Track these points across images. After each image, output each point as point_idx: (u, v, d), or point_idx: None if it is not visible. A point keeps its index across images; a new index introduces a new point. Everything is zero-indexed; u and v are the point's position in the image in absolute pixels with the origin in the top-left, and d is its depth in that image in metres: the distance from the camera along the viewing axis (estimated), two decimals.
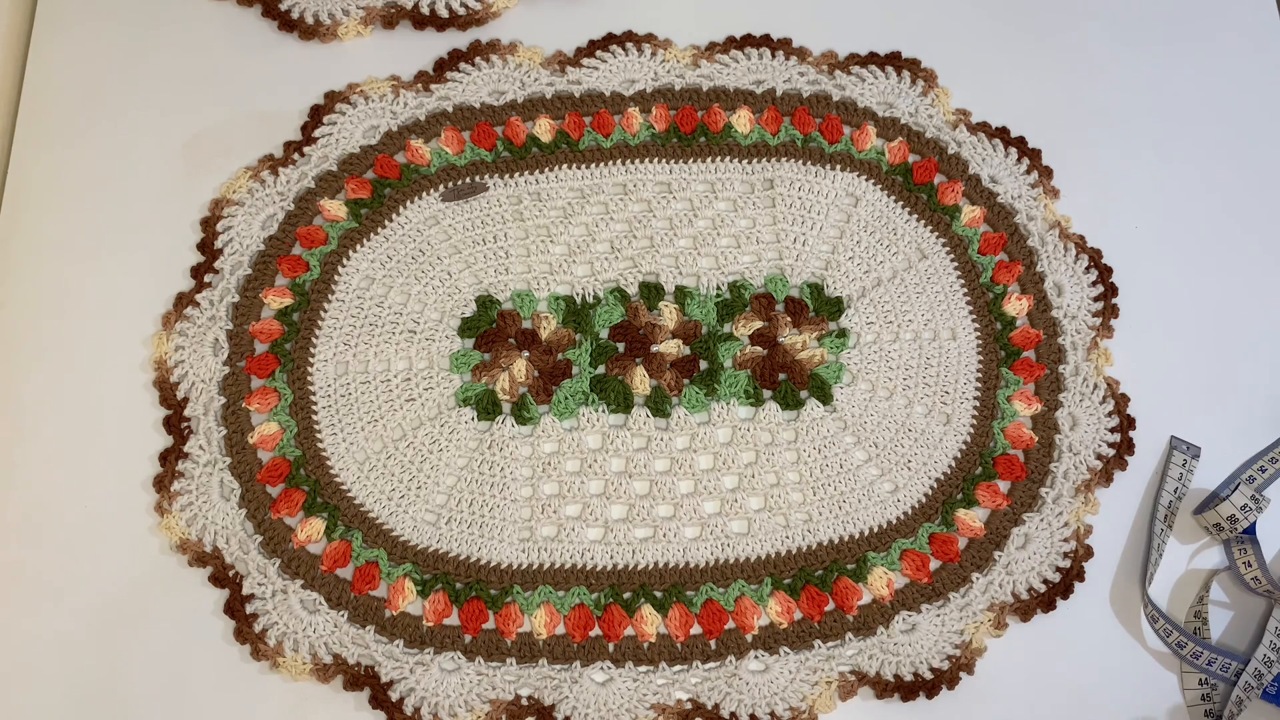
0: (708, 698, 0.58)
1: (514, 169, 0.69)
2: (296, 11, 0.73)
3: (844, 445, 0.63)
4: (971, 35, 0.75)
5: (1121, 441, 0.63)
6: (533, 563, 0.61)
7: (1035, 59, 0.74)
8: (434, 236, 0.68)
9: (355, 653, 0.58)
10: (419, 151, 0.69)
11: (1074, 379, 0.65)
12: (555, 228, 0.68)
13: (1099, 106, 0.73)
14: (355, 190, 0.68)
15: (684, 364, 0.65)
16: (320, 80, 0.72)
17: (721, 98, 0.71)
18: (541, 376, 0.64)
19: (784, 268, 0.67)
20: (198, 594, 0.60)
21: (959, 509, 0.62)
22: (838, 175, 0.69)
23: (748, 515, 0.62)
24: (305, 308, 0.66)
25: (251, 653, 0.58)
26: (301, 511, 0.61)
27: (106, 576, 0.60)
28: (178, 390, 0.64)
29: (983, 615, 0.59)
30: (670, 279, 0.67)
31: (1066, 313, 0.66)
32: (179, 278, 0.67)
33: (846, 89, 0.72)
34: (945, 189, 0.69)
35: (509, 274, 0.67)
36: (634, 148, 0.70)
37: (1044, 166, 0.70)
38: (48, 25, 0.73)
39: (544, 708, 0.58)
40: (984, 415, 0.64)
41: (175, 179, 0.69)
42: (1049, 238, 0.68)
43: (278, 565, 0.60)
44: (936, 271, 0.67)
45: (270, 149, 0.70)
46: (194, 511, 0.61)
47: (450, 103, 0.71)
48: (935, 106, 0.72)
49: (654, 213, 0.69)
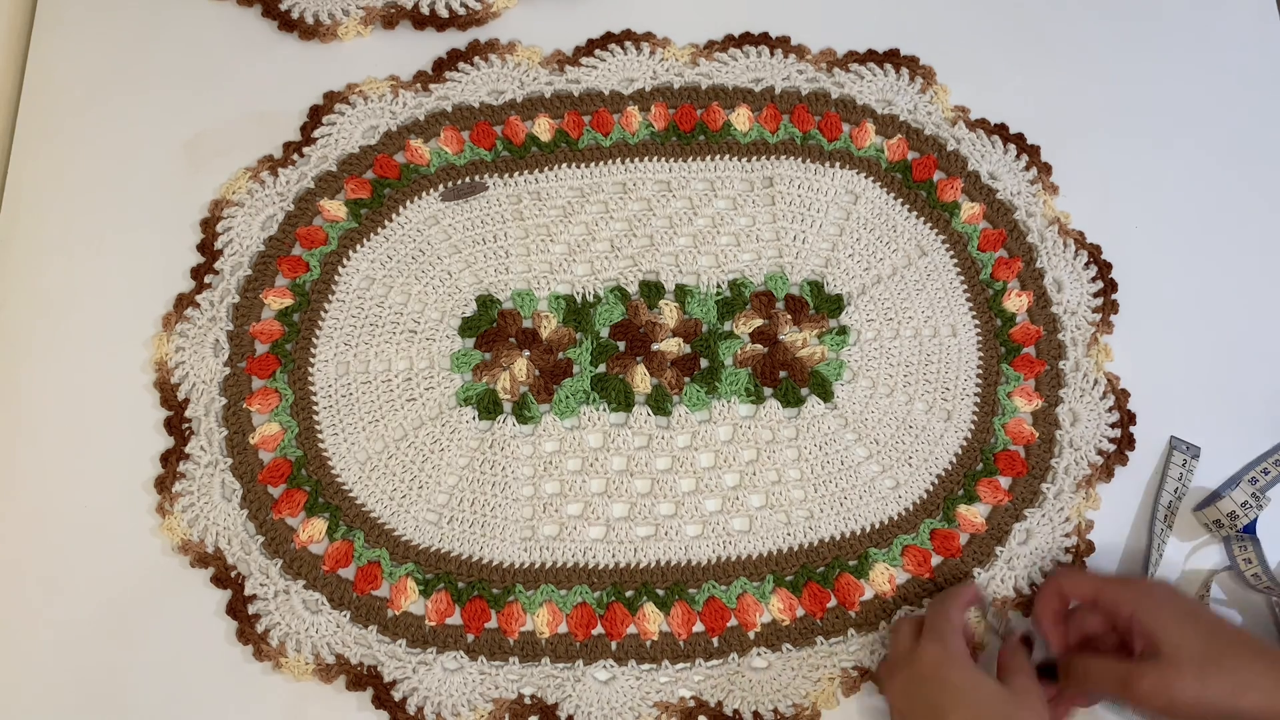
0: (711, 695, 0.58)
1: (513, 168, 0.69)
2: (296, 11, 0.73)
3: (845, 442, 0.63)
4: (970, 32, 0.75)
5: (1122, 437, 0.63)
6: (534, 562, 0.61)
7: (1034, 55, 0.74)
8: (434, 236, 0.68)
9: (358, 653, 0.58)
10: (418, 151, 0.69)
11: (1074, 375, 0.65)
12: (555, 227, 0.68)
13: (1098, 102, 0.73)
14: (355, 190, 0.68)
15: (684, 362, 0.65)
16: (320, 80, 0.72)
17: (720, 96, 0.71)
18: (542, 375, 0.64)
19: (784, 265, 0.67)
20: (200, 595, 0.60)
21: (960, 505, 0.62)
22: (837, 173, 0.69)
23: (749, 513, 0.62)
24: (305, 308, 0.66)
25: (254, 653, 0.58)
26: (303, 512, 0.61)
27: (108, 578, 0.60)
28: (178, 391, 0.64)
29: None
30: (670, 277, 0.67)
31: (1066, 308, 0.66)
32: (179, 278, 0.67)
33: (845, 86, 0.72)
34: (944, 186, 0.69)
35: (509, 273, 0.67)
36: (633, 146, 0.70)
37: (1043, 163, 0.70)
38: (48, 25, 0.73)
39: (547, 707, 0.58)
40: (985, 411, 0.64)
41: (175, 179, 0.69)
42: (1048, 234, 0.68)
43: (280, 566, 0.60)
44: (936, 268, 0.67)
45: (270, 149, 0.70)
46: (195, 513, 0.61)
47: (449, 102, 0.71)
48: (934, 103, 0.72)
49: (654, 211, 0.69)
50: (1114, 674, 0.52)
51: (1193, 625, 0.52)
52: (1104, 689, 0.54)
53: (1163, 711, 0.51)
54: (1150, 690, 0.50)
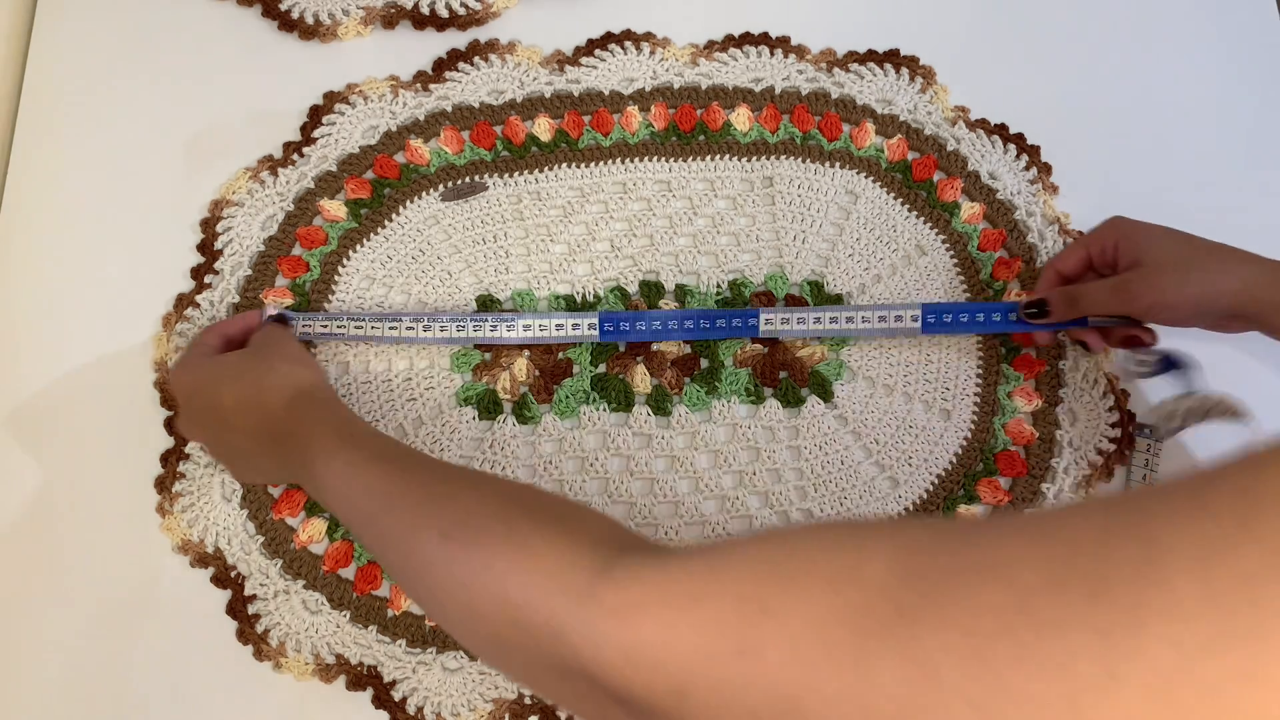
0: None
1: (513, 168, 0.69)
2: (296, 11, 0.73)
3: (845, 442, 0.63)
4: (969, 32, 0.75)
5: (1122, 437, 0.63)
6: None
7: (1034, 55, 0.74)
8: (434, 236, 0.68)
9: (358, 653, 0.58)
10: (418, 151, 0.69)
11: (1074, 374, 0.65)
12: (555, 227, 0.68)
13: (1098, 103, 0.73)
14: (355, 190, 0.68)
15: (684, 362, 0.65)
16: (320, 80, 0.72)
17: (720, 96, 0.71)
18: (542, 376, 0.64)
19: (784, 265, 0.67)
20: (200, 595, 0.60)
21: (960, 505, 0.62)
22: (837, 172, 0.69)
23: (749, 513, 0.62)
24: (305, 308, 0.66)
25: (254, 653, 0.58)
26: (303, 512, 0.61)
27: (108, 578, 0.60)
28: None
29: None
30: (670, 277, 0.67)
31: None
32: (179, 279, 0.67)
33: (845, 86, 0.72)
34: (944, 185, 0.69)
35: (509, 273, 0.67)
36: (633, 146, 0.70)
37: (1043, 163, 0.70)
38: (48, 25, 0.73)
39: (547, 707, 0.58)
40: (984, 411, 0.64)
41: (175, 179, 0.69)
42: (1048, 234, 0.68)
43: (280, 566, 0.60)
44: (936, 268, 0.67)
45: (270, 149, 0.70)
46: (195, 513, 0.61)
47: (449, 102, 0.71)
48: (934, 103, 0.72)
49: (654, 211, 0.69)
50: (1104, 287, 0.58)
51: (1171, 236, 0.59)
52: (1096, 305, 0.59)
53: (1151, 309, 0.57)
54: (1139, 289, 0.57)
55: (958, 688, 0.22)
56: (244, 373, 0.54)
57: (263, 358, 0.55)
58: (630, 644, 0.29)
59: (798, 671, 0.25)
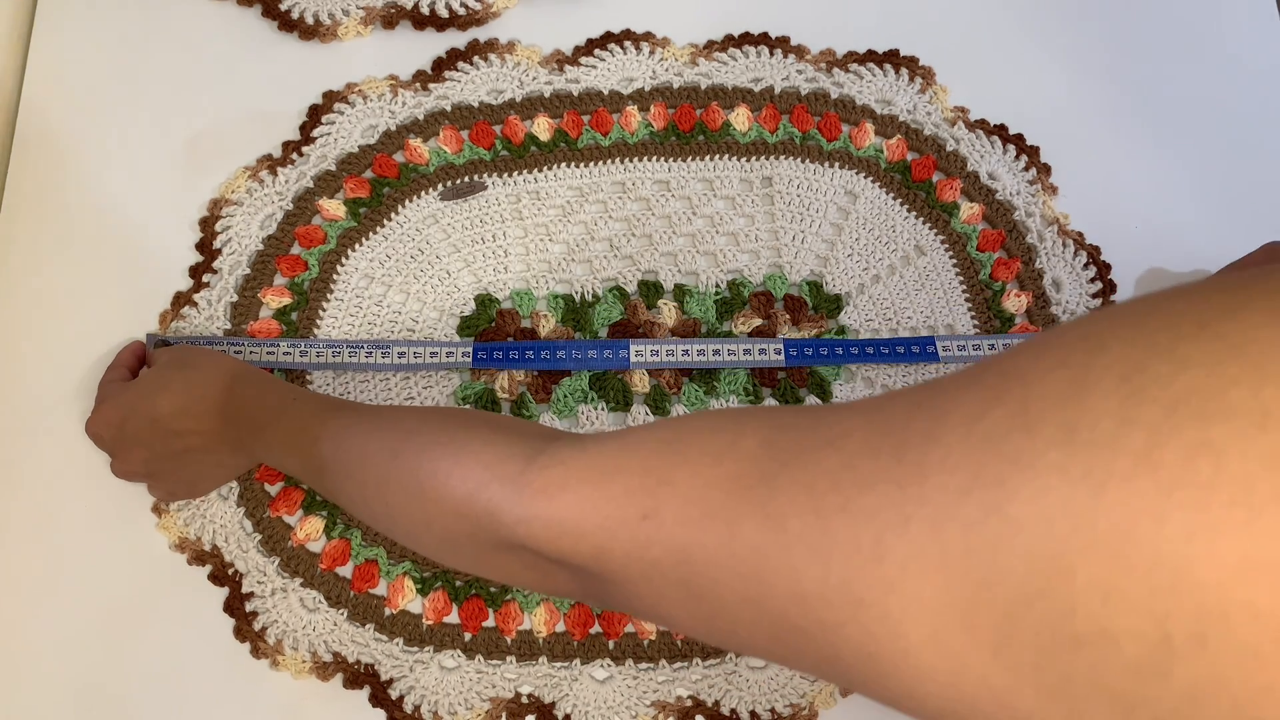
0: (708, 695, 0.58)
1: (512, 168, 0.69)
2: (296, 11, 0.73)
3: None
4: (969, 32, 0.75)
5: None
6: None
7: (1033, 56, 0.74)
8: (433, 235, 0.68)
9: (355, 651, 0.58)
10: (417, 151, 0.70)
11: None
12: (554, 226, 0.68)
13: (1097, 103, 0.73)
14: (354, 190, 0.68)
15: None
16: (319, 80, 0.72)
17: (719, 96, 0.71)
18: (541, 375, 0.64)
19: (782, 265, 0.67)
20: (197, 592, 0.60)
21: None
22: (836, 173, 0.69)
23: None
24: (304, 307, 0.66)
25: (251, 651, 0.58)
26: (300, 510, 0.61)
27: (106, 576, 0.60)
28: None
29: None
30: (669, 277, 0.67)
31: (1065, 309, 0.66)
32: (178, 277, 0.67)
33: (844, 86, 0.72)
34: (944, 186, 0.69)
35: (508, 273, 0.67)
36: (632, 146, 0.70)
37: (1042, 163, 0.70)
38: (48, 25, 0.74)
39: (544, 705, 0.58)
40: None
41: (174, 179, 0.69)
42: (1048, 234, 0.68)
43: (277, 564, 0.60)
44: (935, 268, 0.67)
45: (269, 149, 0.70)
46: (193, 510, 0.61)
47: (448, 102, 0.71)
48: (933, 104, 0.72)
49: (652, 211, 0.69)
50: None
51: None
52: None
53: None
54: None
55: (800, 535, 0.28)
56: (169, 380, 0.55)
57: (181, 364, 0.56)
58: (556, 517, 0.35)
59: (687, 529, 0.31)
